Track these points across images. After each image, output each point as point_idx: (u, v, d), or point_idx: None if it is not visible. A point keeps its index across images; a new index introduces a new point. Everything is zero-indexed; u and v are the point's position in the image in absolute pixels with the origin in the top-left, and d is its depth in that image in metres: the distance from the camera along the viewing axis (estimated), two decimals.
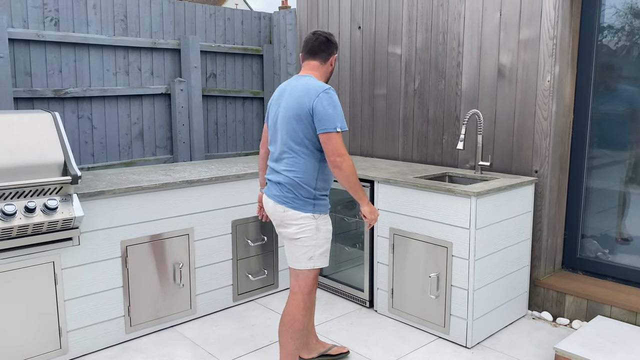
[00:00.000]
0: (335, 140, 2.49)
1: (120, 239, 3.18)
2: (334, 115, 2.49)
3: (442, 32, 3.99)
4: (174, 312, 3.47)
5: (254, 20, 5.84)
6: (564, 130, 3.63)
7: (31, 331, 2.89)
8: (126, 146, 5.01)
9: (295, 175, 2.59)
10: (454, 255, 3.21)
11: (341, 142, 2.51)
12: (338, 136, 2.50)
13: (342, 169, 2.51)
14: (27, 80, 4.37)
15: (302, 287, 2.67)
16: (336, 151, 2.49)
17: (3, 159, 2.70)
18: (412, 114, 4.27)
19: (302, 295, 2.66)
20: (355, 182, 2.57)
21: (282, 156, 2.64)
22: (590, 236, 3.73)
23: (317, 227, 2.62)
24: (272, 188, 2.68)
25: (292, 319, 2.65)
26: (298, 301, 2.66)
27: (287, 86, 2.68)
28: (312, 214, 2.61)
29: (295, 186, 2.59)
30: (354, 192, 2.60)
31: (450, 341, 3.29)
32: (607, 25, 3.51)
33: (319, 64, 2.70)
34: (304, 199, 2.60)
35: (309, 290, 2.67)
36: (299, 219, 2.60)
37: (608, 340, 2.97)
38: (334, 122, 2.49)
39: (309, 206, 2.61)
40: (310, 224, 2.61)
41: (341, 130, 2.51)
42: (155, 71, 5.13)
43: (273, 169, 2.70)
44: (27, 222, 2.69)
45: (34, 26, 4.34)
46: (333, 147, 2.49)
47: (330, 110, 2.50)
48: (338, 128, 2.49)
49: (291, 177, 2.59)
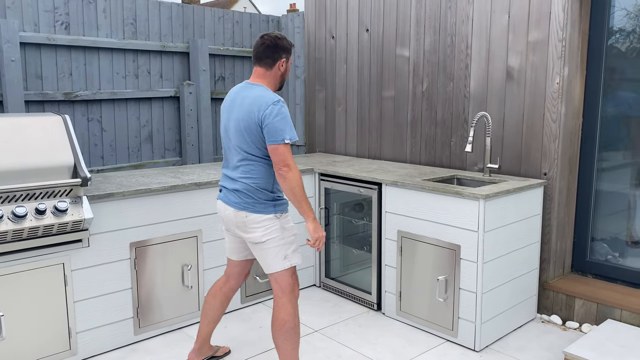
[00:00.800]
0: (281, 151, 2.52)
1: (129, 240, 3.19)
2: (282, 127, 2.52)
3: (450, 35, 3.98)
4: (182, 314, 3.49)
5: (262, 23, 5.86)
6: (573, 132, 3.61)
7: (41, 332, 2.91)
8: (135, 149, 5.04)
9: (253, 182, 2.63)
10: (462, 258, 3.20)
11: (288, 153, 2.54)
12: (285, 147, 2.53)
13: (286, 179, 2.54)
14: (38, 84, 4.41)
15: (284, 287, 2.68)
16: (282, 162, 2.53)
17: (14, 161, 2.73)
18: (420, 116, 4.27)
19: (286, 297, 2.67)
20: (300, 194, 2.57)
21: (237, 164, 2.67)
22: (600, 239, 3.70)
23: (282, 226, 2.66)
24: (230, 195, 2.70)
25: (282, 322, 2.66)
26: (284, 303, 2.67)
27: (237, 96, 2.68)
28: (274, 215, 2.64)
29: (253, 191, 2.63)
30: (298, 205, 2.59)
31: (459, 344, 3.28)
32: (617, 28, 3.49)
33: (265, 71, 2.68)
34: (263, 201, 2.63)
35: (292, 288, 2.69)
36: (262, 221, 2.62)
37: (618, 344, 2.95)
38: (282, 134, 2.52)
39: (270, 208, 2.64)
40: (274, 225, 2.64)
41: (290, 141, 2.54)
42: (164, 74, 5.16)
43: (228, 177, 2.73)
44: (38, 223, 2.71)
45: (45, 30, 4.38)
46: (279, 158, 2.53)
47: (278, 122, 2.52)
48: (286, 140, 2.53)
49: (248, 184, 2.63)
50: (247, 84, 2.70)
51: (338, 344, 3.30)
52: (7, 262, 2.77)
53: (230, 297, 2.96)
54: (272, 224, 2.63)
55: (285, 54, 2.69)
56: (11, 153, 2.74)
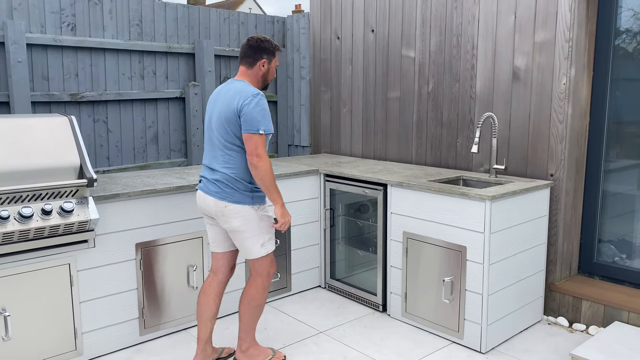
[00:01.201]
0: (254, 141, 2.68)
1: (134, 241, 3.20)
2: (258, 119, 2.68)
3: (456, 35, 3.97)
4: (187, 315, 3.49)
5: (267, 24, 5.86)
6: (580, 133, 3.59)
7: (47, 332, 2.92)
8: (141, 149, 5.05)
9: (232, 172, 2.77)
10: (468, 260, 3.18)
11: (261, 144, 2.69)
12: (259, 138, 2.68)
13: (257, 168, 2.69)
14: (44, 85, 4.43)
15: (261, 272, 2.90)
16: (254, 151, 2.68)
17: (21, 162, 2.74)
18: (425, 117, 4.26)
19: (261, 279, 2.91)
20: (270, 182, 2.73)
21: (217, 154, 2.82)
22: (607, 240, 3.67)
23: (260, 216, 2.83)
24: (210, 186, 2.84)
25: (251, 297, 2.92)
26: (258, 283, 2.91)
27: (222, 90, 2.87)
28: (251, 206, 2.79)
29: (232, 181, 2.77)
30: (268, 192, 2.77)
31: (464, 346, 3.27)
32: (624, 28, 3.47)
33: (246, 69, 2.86)
34: (242, 192, 2.78)
35: (267, 272, 2.91)
36: (240, 211, 2.77)
37: (625, 347, 2.93)
38: (257, 124, 2.68)
39: (248, 199, 2.79)
40: (252, 215, 2.80)
41: (265, 132, 2.69)
42: (169, 75, 5.17)
43: (209, 167, 2.87)
44: (44, 224, 2.72)
45: (51, 31, 4.40)
46: (252, 148, 2.68)
47: (256, 112, 2.68)
48: (261, 130, 2.68)
49: (227, 174, 2.77)
50: (231, 80, 2.89)
51: (343, 346, 3.29)
52: (14, 263, 2.78)
53: (221, 291, 3.01)
54: (249, 214, 2.79)
55: (266, 55, 2.85)
56: (18, 154, 2.75)
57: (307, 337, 3.40)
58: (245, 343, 3.00)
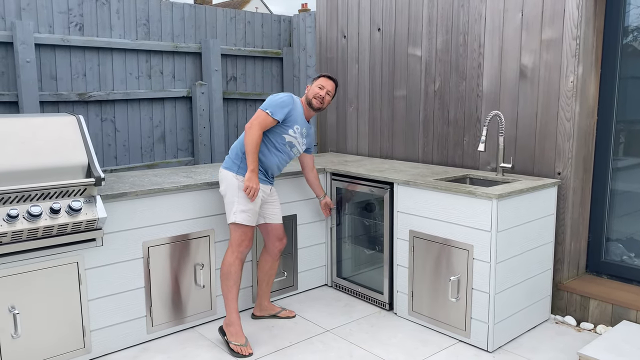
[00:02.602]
0: (257, 114, 3.19)
1: (142, 240, 3.22)
2: (269, 102, 3.23)
3: (462, 33, 3.96)
4: (194, 313, 3.50)
5: (274, 23, 5.87)
6: (588, 131, 3.57)
7: (56, 330, 2.95)
8: (148, 149, 5.08)
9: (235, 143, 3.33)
10: (474, 258, 3.18)
11: (260, 118, 3.16)
12: (261, 113, 3.18)
13: (246, 134, 3.14)
14: (52, 84, 4.46)
15: (231, 240, 3.23)
16: (251, 121, 3.17)
17: (30, 161, 2.76)
18: (432, 115, 4.25)
19: (230, 249, 3.22)
20: (249, 149, 3.11)
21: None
22: (616, 239, 3.65)
23: (239, 186, 3.17)
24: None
25: (222, 265, 3.24)
26: (227, 253, 3.24)
27: None
28: (235, 175, 3.19)
29: (231, 150, 3.32)
30: (246, 156, 3.15)
31: (471, 345, 3.26)
32: (632, 26, 3.44)
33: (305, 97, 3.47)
34: (232, 160, 3.25)
35: (237, 244, 3.20)
36: (226, 176, 3.22)
37: (634, 346, 2.91)
38: (266, 105, 3.22)
39: (234, 167, 3.21)
40: (232, 182, 3.19)
41: (268, 111, 3.18)
42: (176, 74, 5.19)
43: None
44: (52, 223, 2.74)
45: (59, 31, 4.43)
46: (252, 117, 3.19)
47: (271, 98, 3.27)
48: (268, 111, 3.18)
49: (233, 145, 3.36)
50: None
51: (350, 344, 3.30)
52: (23, 261, 2.80)
53: (271, 259, 3.51)
54: (231, 181, 3.20)
55: (310, 81, 3.61)
56: (26, 153, 2.77)
57: (313, 336, 3.41)
58: (227, 317, 3.25)
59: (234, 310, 3.23)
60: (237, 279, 3.22)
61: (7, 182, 2.67)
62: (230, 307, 3.23)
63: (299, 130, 3.35)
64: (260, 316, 3.64)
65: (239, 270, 3.22)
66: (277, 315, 3.64)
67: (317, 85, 3.38)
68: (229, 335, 3.21)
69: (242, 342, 3.18)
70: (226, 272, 3.21)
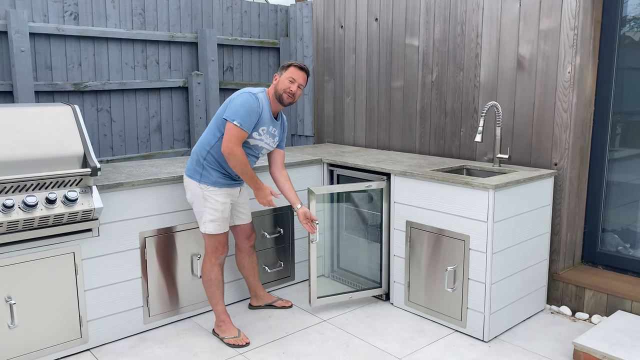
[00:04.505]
0: (230, 133, 2.95)
1: (138, 230, 3.21)
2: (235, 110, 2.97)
3: (460, 23, 3.94)
4: (191, 303, 3.51)
5: (270, 13, 5.83)
6: (585, 122, 3.57)
7: (52, 320, 2.95)
8: (144, 139, 5.06)
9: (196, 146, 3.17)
10: (471, 249, 3.19)
11: (234, 138, 2.93)
12: (235, 131, 2.94)
13: (228, 158, 2.99)
14: (47, 74, 4.43)
15: (206, 248, 3.19)
16: (228, 144, 2.97)
17: (25, 151, 2.74)
18: (429, 106, 4.24)
19: (206, 256, 3.19)
20: (242, 170, 3.00)
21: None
22: (611, 230, 3.67)
23: (204, 196, 3.07)
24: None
25: (206, 272, 3.20)
26: (204, 260, 3.21)
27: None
28: (198, 183, 3.07)
29: (192, 154, 3.15)
30: (243, 177, 3.06)
31: (467, 334, 3.28)
32: (630, 16, 3.44)
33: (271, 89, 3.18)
34: (194, 168, 3.09)
35: (212, 252, 3.16)
36: (189, 185, 3.12)
37: (628, 336, 2.93)
38: (233, 115, 2.96)
39: (197, 175, 3.08)
40: (197, 192, 3.09)
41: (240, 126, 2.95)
42: (172, 64, 5.16)
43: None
44: (48, 213, 2.73)
45: (54, 20, 4.39)
46: (226, 139, 2.97)
47: (235, 104, 3.00)
48: (236, 123, 2.93)
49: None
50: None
51: (346, 334, 3.31)
52: (19, 251, 2.80)
53: (245, 255, 3.47)
54: (195, 191, 3.09)
55: (277, 72, 3.16)
56: (22, 143, 2.75)
57: (310, 326, 3.42)
58: (217, 319, 3.26)
59: (221, 312, 3.24)
60: (220, 284, 3.22)
61: (3, 172, 2.66)
62: (217, 310, 3.24)
63: (266, 131, 3.09)
64: (257, 306, 3.65)
65: (219, 275, 3.21)
66: (273, 305, 3.66)
67: (288, 78, 3.06)
68: (221, 333, 3.22)
69: (235, 334, 3.19)
70: (207, 279, 3.20)
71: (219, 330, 3.25)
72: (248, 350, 3.11)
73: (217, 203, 3.07)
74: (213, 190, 3.07)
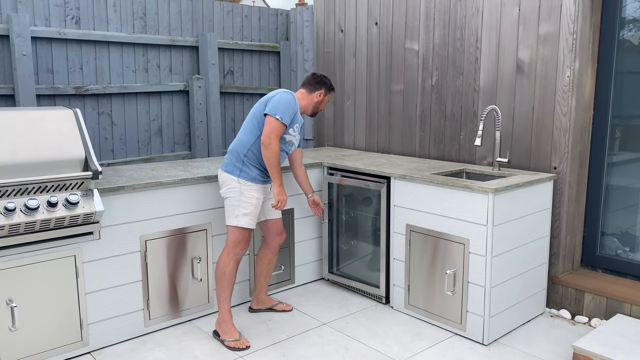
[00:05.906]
0: (271, 126, 3.12)
1: (139, 233, 3.22)
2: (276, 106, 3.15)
3: (460, 28, 3.96)
4: (192, 306, 3.51)
5: (271, 17, 5.86)
6: (584, 126, 3.59)
7: (53, 323, 2.95)
8: (145, 142, 5.07)
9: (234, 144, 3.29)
10: (471, 252, 3.19)
11: (275, 130, 3.11)
12: (275, 124, 3.12)
13: (265, 147, 3.13)
14: (49, 78, 4.45)
15: (229, 241, 3.23)
16: (269, 134, 3.12)
17: (26, 154, 2.76)
18: (429, 110, 4.26)
19: (227, 249, 3.23)
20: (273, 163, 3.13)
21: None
22: (611, 234, 3.68)
23: (241, 190, 3.18)
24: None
25: (217, 265, 3.24)
26: (223, 253, 3.25)
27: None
28: (237, 178, 3.18)
29: (230, 152, 3.27)
30: (271, 170, 3.17)
31: (467, 338, 3.28)
32: (629, 20, 3.45)
33: (305, 91, 3.41)
34: (233, 164, 3.21)
35: (234, 245, 3.21)
36: (226, 180, 3.22)
37: (628, 339, 2.94)
38: (274, 110, 3.15)
39: (236, 170, 3.20)
40: (235, 186, 3.18)
41: (280, 119, 3.12)
42: (173, 68, 5.18)
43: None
44: (50, 216, 2.74)
45: (55, 24, 4.41)
46: (267, 129, 3.13)
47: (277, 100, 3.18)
48: (278, 117, 3.12)
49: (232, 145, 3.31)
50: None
51: (346, 337, 3.32)
52: (20, 254, 2.81)
53: (270, 253, 3.54)
54: (234, 186, 3.18)
55: (323, 88, 3.42)
56: (24, 146, 2.77)
57: (310, 329, 3.43)
58: (220, 315, 3.27)
59: (226, 309, 3.25)
60: (231, 280, 3.24)
61: (4, 175, 2.67)
62: (222, 307, 3.26)
63: (298, 129, 3.37)
64: (257, 309, 3.66)
65: (233, 271, 3.24)
66: (274, 309, 3.66)
67: (327, 101, 3.48)
68: (222, 334, 3.23)
69: (236, 337, 3.20)
70: (221, 272, 3.22)
71: (220, 329, 3.25)
72: (248, 354, 3.11)
73: (252, 198, 3.20)
74: (250, 185, 3.19)
